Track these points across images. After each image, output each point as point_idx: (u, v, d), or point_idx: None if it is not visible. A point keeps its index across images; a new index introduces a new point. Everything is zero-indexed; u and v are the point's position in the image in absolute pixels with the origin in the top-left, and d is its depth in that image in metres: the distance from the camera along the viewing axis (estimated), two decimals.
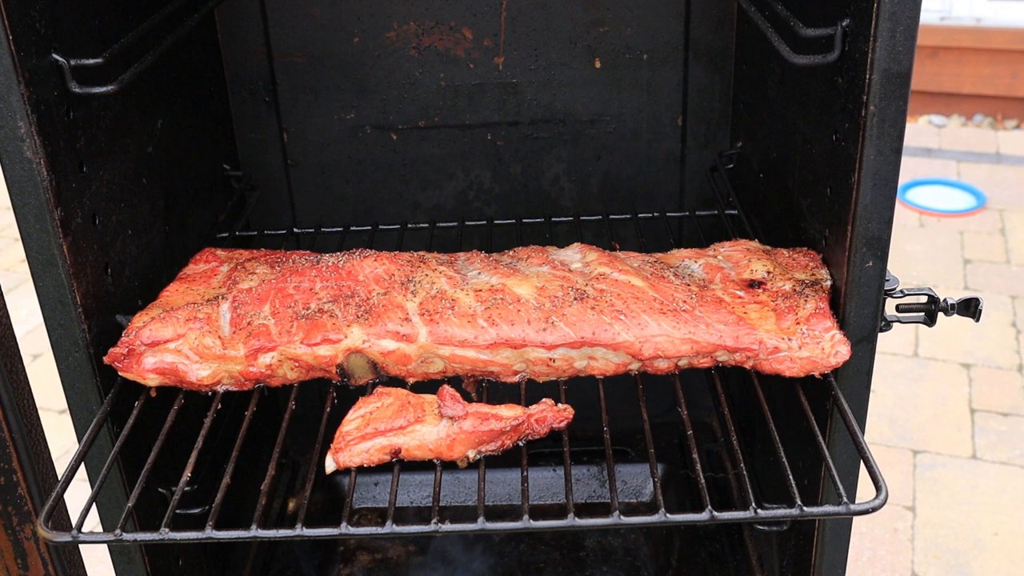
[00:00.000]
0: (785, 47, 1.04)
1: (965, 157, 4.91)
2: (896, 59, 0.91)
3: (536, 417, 1.04)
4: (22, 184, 0.98)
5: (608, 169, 1.63)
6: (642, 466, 1.72)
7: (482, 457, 1.03)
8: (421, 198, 1.65)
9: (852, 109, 0.97)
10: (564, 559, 1.64)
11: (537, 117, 1.59)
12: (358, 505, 1.73)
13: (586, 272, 1.18)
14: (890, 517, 2.63)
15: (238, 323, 1.11)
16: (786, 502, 0.99)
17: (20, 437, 1.15)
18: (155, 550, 1.21)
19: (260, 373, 1.10)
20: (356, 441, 1.03)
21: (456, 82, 1.56)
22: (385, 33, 1.53)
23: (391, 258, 1.20)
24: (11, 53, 0.92)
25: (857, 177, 0.97)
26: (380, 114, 1.59)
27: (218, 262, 1.27)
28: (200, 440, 1.05)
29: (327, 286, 1.15)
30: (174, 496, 0.98)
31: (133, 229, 1.19)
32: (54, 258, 1.01)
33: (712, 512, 0.95)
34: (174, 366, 1.09)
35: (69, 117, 1.03)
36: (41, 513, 0.95)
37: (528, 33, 1.53)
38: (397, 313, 1.10)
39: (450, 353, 1.08)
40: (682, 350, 1.07)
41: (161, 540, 0.94)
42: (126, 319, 1.13)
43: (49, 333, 1.05)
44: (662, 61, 1.55)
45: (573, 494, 0.97)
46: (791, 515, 0.98)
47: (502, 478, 1.69)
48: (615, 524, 0.94)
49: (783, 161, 1.28)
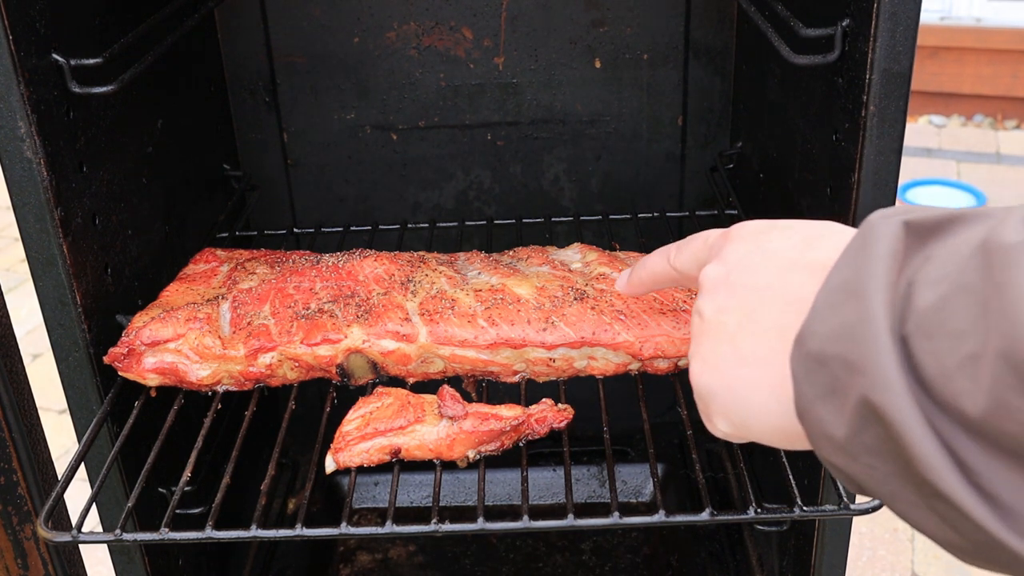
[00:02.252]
0: (785, 47, 1.04)
1: (965, 157, 4.91)
2: (896, 59, 0.91)
3: (536, 417, 1.04)
4: (22, 184, 0.98)
5: (608, 169, 1.63)
6: (642, 466, 1.72)
7: (482, 457, 1.03)
8: (421, 198, 1.65)
9: (852, 109, 0.97)
10: (564, 559, 1.64)
11: (537, 117, 1.59)
12: (358, 505, 1.73)
13: (586, 272, 1.18)
14: (890, 517, 2.63)
15: (238, 323, 1.11)
16: (786, 502, 0.99)
17: (20, 437, 1.15)
18: (155, 550, 1.21)
19: (260, 373, 1.10)
20: (356, 441, 1.03)
21: (456, 82, 1.56)
22: (385, 33, 1.53)
23: (391, 258, 1.20)
24: (11, 53, 0.92)
25: (857, 177, 0.97)
26: (380, 114, 1.59)
27: (218, 262, 1.27)
28: (200, 440, 1.05)
29: (327, 286, 1.16)
30: (174, 496, 0.98)
31: (133, 229, 1.19)
32: (54, 258, 1.01)
33: (712, 512, 0.95)
34: (174, 366, 1.09)
35: (69, 117, 1.03)
36: (41, 513, 0.95)
37: (528, 33, 1.53)
38: (397, 313, 1.10)
39: (450, 353, 1.09)
40: (682, 350, 1.07)
41: (161, 540, 0.94)
42: (126, 319, 1.13)
43: (49, 333, 1.05)
44: (662, 61, 1.55)
45: (573, 494, 0.97)
46: (791, 515, 0.98)
47: (502, 478, 1.69)
48: (615, 524, 0.94)
49: (783, 161, 1.28)
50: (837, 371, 0.54)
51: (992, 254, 0.47)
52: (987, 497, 0.47)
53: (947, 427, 0.48)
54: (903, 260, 0.54)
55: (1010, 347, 0.44)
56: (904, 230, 0.55)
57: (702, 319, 0.74)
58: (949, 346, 0.48)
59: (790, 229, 0.71)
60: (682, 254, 0.84)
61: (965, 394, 0.46)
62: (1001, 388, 0.45)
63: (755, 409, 0.67)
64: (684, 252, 0.83)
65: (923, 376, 0.49)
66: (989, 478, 0.47)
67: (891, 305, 0.51)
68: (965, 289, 0.48)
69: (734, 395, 0.69)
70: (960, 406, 0.47)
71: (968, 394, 0.46)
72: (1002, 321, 0.45)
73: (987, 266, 0.47)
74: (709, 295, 0.73)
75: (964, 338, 0.47)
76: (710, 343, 0.72)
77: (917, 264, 0.53)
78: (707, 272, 0.75)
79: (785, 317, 0.65)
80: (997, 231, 0.49)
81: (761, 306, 0.67)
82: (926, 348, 0.49)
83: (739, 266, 0.71)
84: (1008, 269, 0.45)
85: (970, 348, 0.46)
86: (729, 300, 0.70)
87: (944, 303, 0.49)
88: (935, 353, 0.48)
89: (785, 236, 0.70)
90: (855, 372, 0.52)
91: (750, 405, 0.67)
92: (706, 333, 0.72)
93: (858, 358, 0.52)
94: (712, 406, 0.72)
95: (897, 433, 0.49)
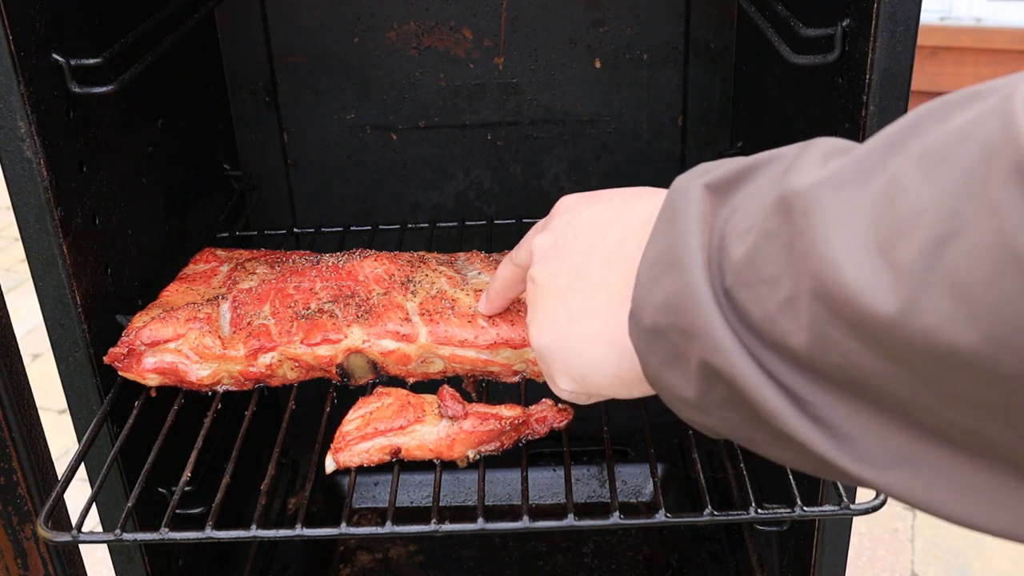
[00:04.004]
0: (785, 47, 1.04)
1: None
2: (896, 59, 0.91)
3: (536, 417, 1.04)
4: (22, 184, 0.98)
5: (608, 169, 1.63)
6: (642, 466, 1.72)
7: (482, 457, 1.03)
8: (421, 198, 1.65)
9: (852, 109, 0.97)
10: (565, 559, 1.64)
11: (537, 117, 1.59)
12: (358, 505, 1.73)
13: None
14: (890, 517, 2.63)
15: (238, 323, 1.11)
16: (786, 502, 0.99)
17: (20, 437, 1.15)
18: (155, 550, 1.21)
19: (260, 373, 1.10)
20: (356, 441, 1.03)
21: (456, 82, 1.56)
22: (385, 33, 1.53)
23: (391, 258, 1.20)
24: (11, 53, 0.92)
25: None
26: (380, 114, 1.59)
27: (218, 262, 1.27)
28: (200, 440, 1.05)
29: (327, 286, 1.16)
30: (174, 496, 0.98)
31: (133, 229, 1.19)
32: (54, 258, 1.01)
33: (712, 512, 0.95)
34: (174, 366, 1.09)
35: (69, 117, 1.03)
36: (41, 513, 0.95)
37: (528, 33, 1.53)
38: (397, 313, 1.10)
39: (450, 353, 1.08)
40: None
41: (161, 540, 0.94)
42: (126, 319, 1.13)
43: (49, 333, 1.05)
44: (662, 61, 1.55)
45: (573, 494, 0.97)
46: (791, 515, 0.98)
47: (502, 478, 1.69)
48: (615, 524, 0.94)
49: None
50: (674, 339, 0.57)
51: (789, 200, 0.50)
52: (824, 427, 0.50)
53: (780, 368, 0.51)
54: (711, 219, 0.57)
55: (819, 286, 0.46)
56: (705, 192, 0.58)
57: (535, 285, 0.78)
58: (768, 292, 0.50)
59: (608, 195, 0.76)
60: (519, 250, 0.89)
61: (789, 333, 0.49)
62: (819, 324, 0.47)
63: (592, 362, 0.71)
64: (521, 248, 0.89)
65: (751, 323, 0.52)
66: (822, 409, 0.50)
67: (707, 266, 0.55)
68: (770, 236, 0.51)
69: (571, 352, 0.73)
70: (788, 344, 0.50)
71: (792, 333, 0.49)
72: (808, 262, 0.47)
73: (786, 211, 0.50)
74: (540, 263, 0.78)
75: (779, 283, 0.50)
76: (544, 305, 0.76)
77: (725, 216, 0.56)
78: (536, 242, 0.80)
79: (611, 272, 0.69)
80: (790, 177, 0.51)
81: (587, 265, 0.72)
82: (748, 297, 0.52)
83: (564, 232, 0.76)
84: (806, 214, 0.48)
85: (786, 291, 0.49)
86: (559, 264, 0.75)
87: (755, 251, 0.52)
88: (756, 301, 0.51)
89: (604, 200, 0.75)
90: (690, 338, 0.55)
91: (587, 359, 0.72)
92: (540, 297, 0.77)
93: (689, 325, 0.55)
94: (553, 366, 0.76)
95: (739, 387, 0.52)
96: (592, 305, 0.70)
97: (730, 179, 0.58)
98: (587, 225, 0.74)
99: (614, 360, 0.69)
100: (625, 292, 0.65)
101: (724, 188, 0.58)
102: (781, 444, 0.53)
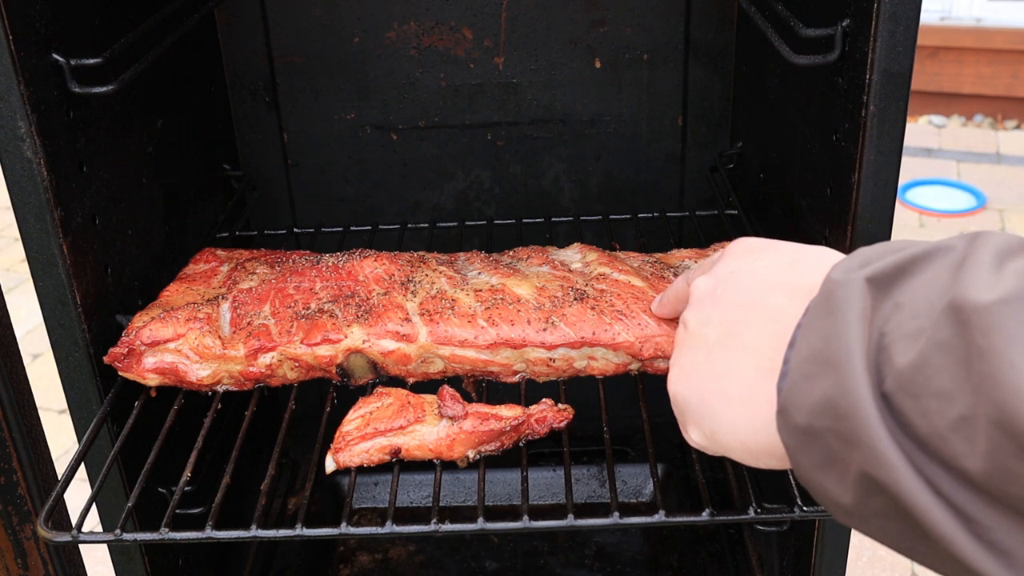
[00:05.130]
0: (785, 47, 1.04)
1: (965, 157, 4.91)
2: (896, 59, 0.91)
3: (536, 417, 1.04)
4: (22, 184, 0.98)
5: (608, 169, 1.63)
6: (642, 466, 1.72)
7: (482, 457, 1.03)
8: (421, 198, 1.65)
9: (852, 109, 0.97)
10: (566, 559, 1.64)
11: (537, 117, 1.59)
12: (358, 505, 1.73)
13: (586, 272, 1.18)
14: None
15: (238, 323, 1.11)
16: (786, 502, 0.99)
17: (20, 437, 1.15)
18: (155, 550, 1.21)
19: (260, 373, 1.10)
20: (356, 441, 1.03)
21: (456, 82, 1.56)
22: (385, 33, 1.53)
23: (391, 258, 1.20)
24: (11, 53, 0.92)
25: (857, 177, 0.97)
26: (380, 114, 1.59)
27: (218, 262, 1.27)
28: (200, 440, 1.05)
29: (327, 286, 1.16)
30: (174, 496, 0.98)
31: (133, 229, 1.19)
32: (54, 258, 1.01)
33: (712, 512, 0.95)
34: (174, 366, 1.09)
35: (69, 117, 1.03)
36: (41, 513, 0.95)
37: (528, 33, 1.53)
38: (397, 313, 1.10)
39: (450, 353, 1.08)
40: None
41: (161, 540, 0.94)
42: (126, 319, 1.13)
43: (49, 333, 1.05)
44: (662, 61, 1.55)
45: (573, 494, 0.97)
46: (791, 515, 0.98)
47: (502, 478, 1.69)
48: (614, 524, 0.94)
49: (783, 161, 1.28)
50: (831, 444, 0.54)
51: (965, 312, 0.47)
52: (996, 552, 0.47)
53: (949, 486, 0.48)
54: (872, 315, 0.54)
55: (1004, 416, 0.44)
56: (867, 287, 0.55)
57: (686, 329, 0.75)
58: (938, 406, 0.48)
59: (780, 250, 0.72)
60: (696, 271, 0.85)
61: (963, 456, 0.47)
62: (1000, 454, 0.45)
63: (725, 423, 0.68)
64: (698, 269, 0.85)
65: (916, 434, 0.49)
66: (995, 532, 0.47)
67: (868, 369, 0.52)
68: (943, 348, 0.48)
69: (706, 407, 0.70)
70: (960, 465, 0.47)
71: (966, 456, 0.46)
72: (993, 389, 0.44)
73: (962, 323, 0.47)
74: (695, 306, 0.75)
75: (951, 399, 0.47)
76: (689, 353, 0.73)
77: (886, 312, 0.53)
78: (697, 284, 0.77)
79: (763, 337, 0.66)
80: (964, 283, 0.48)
81: (741, 323, 0.68)
82: (914, 408, 0.49)
83: (726, 281, 0.73)
84: (986, 333, 0.45)
85: (959, 410, 0.46)
86: (712, 313, 0.72)
87: (924, 361, 0.49)
88: (923, 413, 0.48)
89: (774, 256, 0.72)
90: (850, 446, 0.52)
91: (721, 419, 0.69)
92: (687, 343, 0.74)
93: (849, 432, 0.52)
94: (686, 415, 0.74)
95: (905, 504, 0.50)
96: (738, 367, 0.67)
97: (893, 272, 0.54)
98: (751, 280, 0.71)
99: (746, 427, 0.66)
100: (774, 361, 0.62)
101: (886, 282, 0.54)
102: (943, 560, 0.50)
